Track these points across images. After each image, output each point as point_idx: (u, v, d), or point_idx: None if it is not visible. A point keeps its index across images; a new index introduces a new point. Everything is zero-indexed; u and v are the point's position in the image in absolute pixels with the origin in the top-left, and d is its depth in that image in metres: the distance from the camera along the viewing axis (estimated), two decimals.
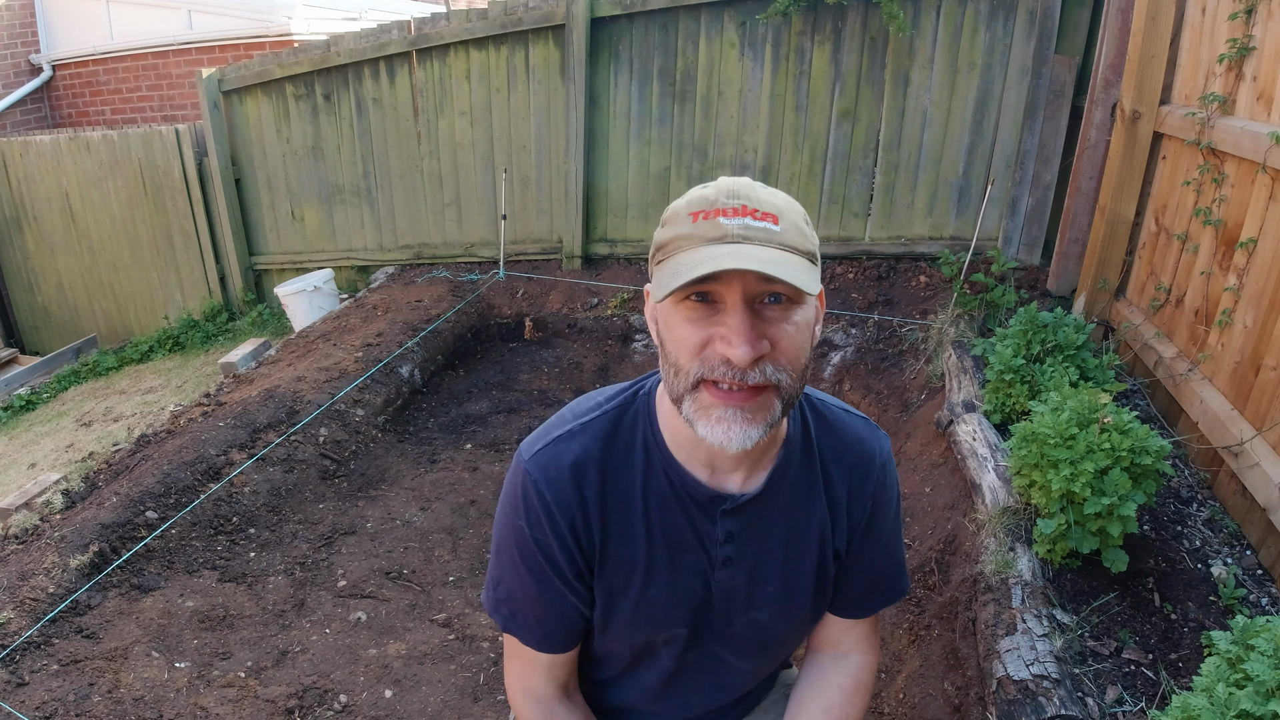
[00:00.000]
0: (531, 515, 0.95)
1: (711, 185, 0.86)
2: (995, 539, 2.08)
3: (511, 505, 0.97)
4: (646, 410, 0.98)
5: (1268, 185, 2.13)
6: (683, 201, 0.86)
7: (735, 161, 4.40)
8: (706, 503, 0.96)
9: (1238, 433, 2.12)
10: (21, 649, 2.20)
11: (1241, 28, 2.32)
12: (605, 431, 0.97)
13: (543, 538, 0.95)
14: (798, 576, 1.03)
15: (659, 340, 0.90)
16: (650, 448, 0.97)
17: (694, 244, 0.82)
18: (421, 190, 5.22)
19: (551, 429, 0.99)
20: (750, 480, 0.97)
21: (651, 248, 0.88)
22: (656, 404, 0.98)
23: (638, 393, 1.00)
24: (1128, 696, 1.66)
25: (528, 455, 0.96)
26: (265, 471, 3.08)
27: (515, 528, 0.97)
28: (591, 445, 0.96)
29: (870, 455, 1.03)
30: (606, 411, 0.98)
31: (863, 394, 3.54)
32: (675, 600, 1.00)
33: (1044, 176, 3.77)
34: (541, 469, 0.95)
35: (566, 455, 0.95)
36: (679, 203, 0.87)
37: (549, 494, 0.94)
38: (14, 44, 7.14)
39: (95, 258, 6.47)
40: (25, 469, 4.35)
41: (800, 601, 1.05)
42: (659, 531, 0.98)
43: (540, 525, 0.95)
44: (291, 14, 6.28)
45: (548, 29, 4.53)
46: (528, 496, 0.95)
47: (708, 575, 1.00)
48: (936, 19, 3.85)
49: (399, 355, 3.95)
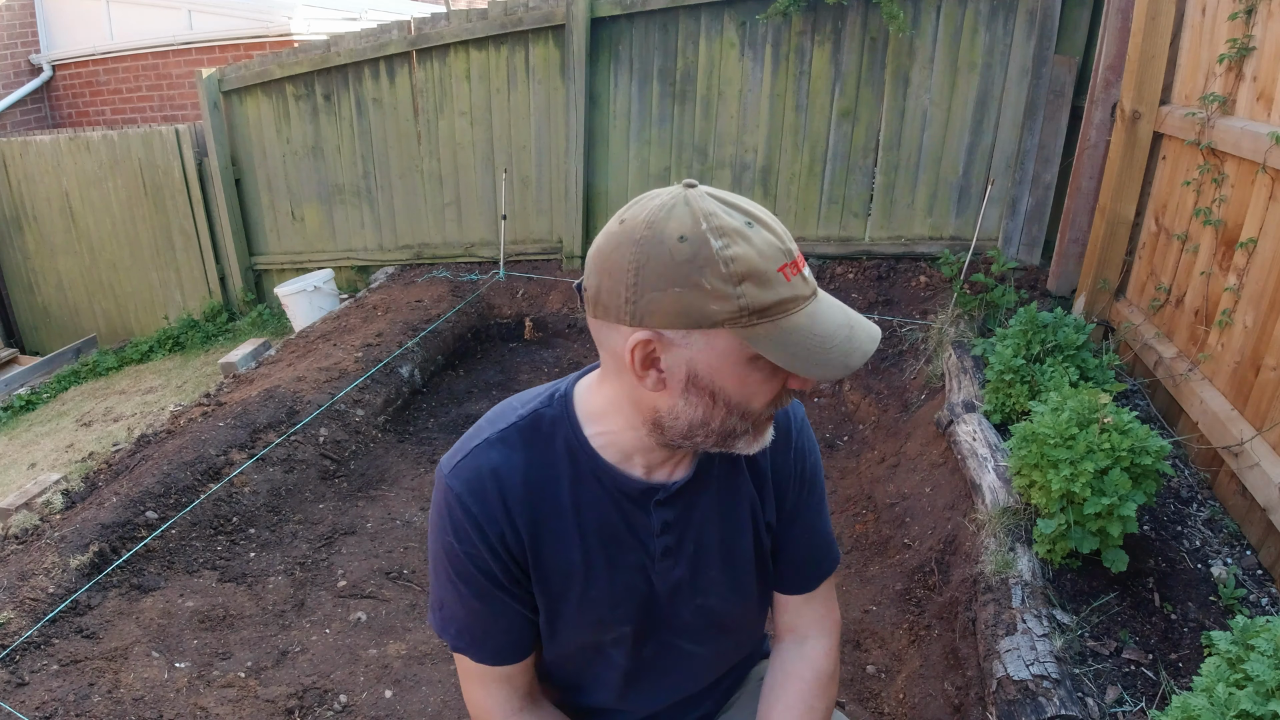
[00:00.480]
0: (460, 530, 0.93)
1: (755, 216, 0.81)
2: (995, 539, 2.09)
3: (439, 523, 0.95)
4: (565, 414, 0.97)
5: (1268, 185, 2.13)
6: (752, 250, 0.78)
7: (735, 161, 4.40)
8: (639, 496, 0.97)
9: (1238, 433, 2.12)
10: (21, 649, 2.21)
11: (1241, 28, 2.32)
12: (524, 437, 0.96)
13: (474, 551, 0.94)
14: (737, 556, 1.04)
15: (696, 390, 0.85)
16: (575, 450, 0.96)
17: (800, 304, 0.81)
18: (421, 190, 5.23)
19: (469, 440, 0.97)
20: (678, 469, 0.99)
21: (732, 304, 0.78)
22: (576, 408, 0.97)
23: (553, 396, 0.99)
24: (1128, 696, 1.66)
25: (448, 470, 0.94)
26: (265, 471, 3.08)
27: (446, 545, 0.95)
28: (511, 453, 0.94)
29: (785, 426, 1.06)
30: (523, 417, 0.97)
31: (863, 394, 3.54)
32: (617, 599, 1.00)
33: (1044, 176, 3.77)
34: (463, 482, 0.93)
35: (486, 464, 0.93)
36: (748, 251, 0.78)
37: (474, 506, 0.92)
38: (14, 44, 7.14)
39: (95, 258, 6.47)
40: (25, 469, 4.36)
41: (744, 580, 1.06)
42: (593, 532, 0.97)
43: (470, 539, 0.93)
44: (291, 14, 6.28)
45: (548, 29, 4.53)
46: (453, 511, 0.93)
47: (648, 570, 1.00)
48: (936, 19, 3.85)
49: (399, 355, 3.95)
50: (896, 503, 2.72)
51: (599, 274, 0.83)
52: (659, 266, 0.79)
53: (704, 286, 0.78)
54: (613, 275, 0.81)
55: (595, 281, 0.84)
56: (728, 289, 0.78)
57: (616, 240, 0.81)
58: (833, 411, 3.60)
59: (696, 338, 0.81)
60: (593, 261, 0.85)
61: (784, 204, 4.37)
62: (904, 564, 2.42)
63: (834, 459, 3.31)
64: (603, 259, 0.82)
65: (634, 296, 0.80)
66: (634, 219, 0.81)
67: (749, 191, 4.42)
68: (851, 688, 2.09)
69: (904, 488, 2.76)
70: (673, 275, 0.78)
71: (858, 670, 2.15)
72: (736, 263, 0.78)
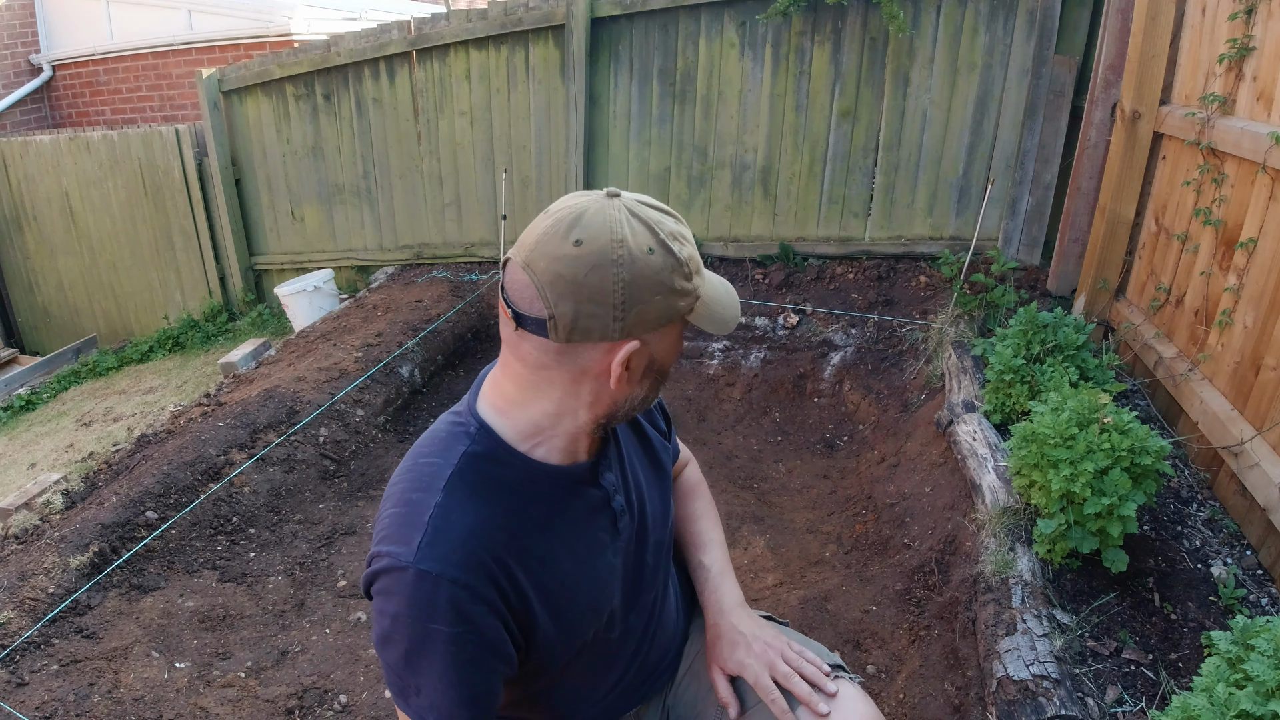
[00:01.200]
0: (446, 611, 0.86)
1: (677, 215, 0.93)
2: (995, 539, 2.09)
3: (422, 615, 0.86)
4: (497, 444, 0.94)
5: (1268, 185, 2.13)
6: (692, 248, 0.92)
7: (735, 161, 4.40)
8: (588, 475, 1.00)
9: (1238, 433, 2.12)
10: (21, 649, 2.20)
11: (1241, 28, 2.32)
12: (468, 484, 0.91)
13: (470, 630, 0.88)
14: (658, 482, 1.15)
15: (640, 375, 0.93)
16: (524, 473, 0.94)
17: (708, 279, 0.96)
18: (421, 190, 5.23)
19: (414, 517, 0.89)
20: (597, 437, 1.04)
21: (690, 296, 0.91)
22: (502, 434, 0.95)
23: (469, 434, 0.94)
24: (1128, 696, 1.66)
25: (413, 557, 0.86)
26: (265, 471, 3.08)
27: (434, 634, 0.86)
28: (474, 505, 0.90)
29: None
30: (457, 468, 0.92)
31: (863, 394, 3.54)
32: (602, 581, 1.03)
33: (1044, 176, 3.77)
34: (443, 561, 0.86)
35: (459, 530, 0.88)
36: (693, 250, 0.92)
37: (469, 579, 0.87)
38: (14, 44, 7.14)
39: (95, 258, 6.47)
40: (25, 469, 4.36)
41: (668, 500, 1.19)
42: (571, 536, 0.99)
43: (468, 618, 0.87)
44: (291, 14, 6.28)
45: (548, 29, 4.53)
46: (441, 597, 0.85)
47: (617, 538, 1.04)
48: (936, 19, 3.85)
49: (399, 355, 3.95)
50: (896, 503, 2.72)
51: (576, 301, 0.84)
52: (643, 281, 0.85)
53: (675, 288, 0.88)
54: (595, 299, 0.84)
55: (572, 308, 0.84)
56: (689, 285, 0.90)
57: (589, 264, 0.83)
58: (833, 411, 3.60)
59: (662, 331, 0.91)
60: (559, 289, 0.83)
61: (784, 204, 4.37)
62: (904, 564, 2.42)
63: (834, 459, 3.31)
64: (577, 285, 0.83)
65: (622, 314, 0.85)
66: (595, 240, 0.83)
67: (749, 191, 4.42)
68: None
69: (904, 488, 2.75)
70: (654, 285, 0.86)
71: (858, 670, 2.14)
72: (691, 261, 0.90)
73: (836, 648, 2.21)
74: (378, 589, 0.90)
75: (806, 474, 3.23)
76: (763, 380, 3.83)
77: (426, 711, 0.91)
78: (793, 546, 2.74)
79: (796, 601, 2.38)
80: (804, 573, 2.60)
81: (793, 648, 1.16)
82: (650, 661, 1.20)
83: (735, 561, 2.68)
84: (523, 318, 0.87)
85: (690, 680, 1.25)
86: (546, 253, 0.84)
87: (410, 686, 0.90)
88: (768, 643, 1.15)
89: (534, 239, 0.86)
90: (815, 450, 3.41)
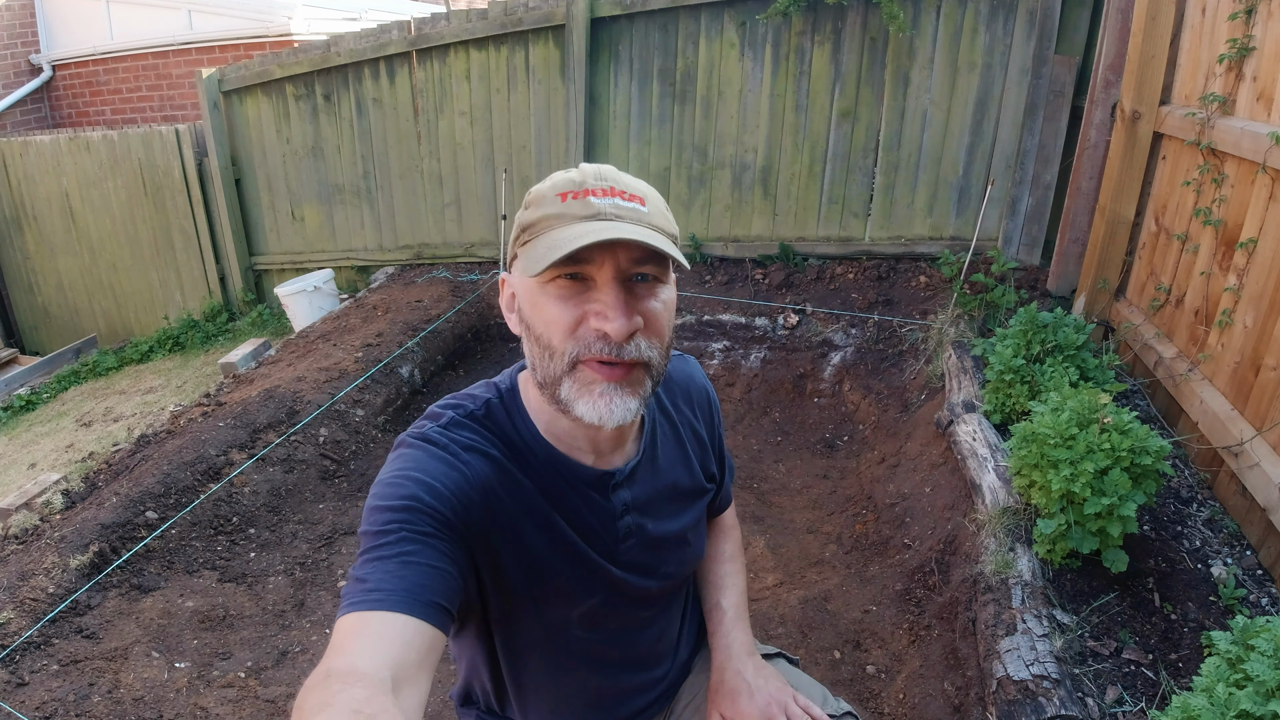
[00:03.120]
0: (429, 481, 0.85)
1: (575, 169, 0.89)
2: (995, 539, 2.09)
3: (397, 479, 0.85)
4: (516, 408, 0.97)
5: (1268, 185, 2.13)
6: (546, 184, 0.88)
7: (735, 161, 4.40)
8: (597, 483, 0.98)
9: (1238, 433, 2.12)
10: (21, 649, 2.20)
11: (1241, 28, 2.32)
12: (484, 426, 0.95)
13: (435, 505, 0.85)
14: (686, 518, 1.10)
15: (524, 326, 0.91)
16: (531, 443, 0.96)
17: (566, 222, 0.84)
18: (421, 190, 5.22)
19: (436, 418, 0.95)
20: (627, 451, 1.02)
21: (514, 230, 0.91)
22: (524, 401, 0.97)
23: (499, 389, 0.99)
24: (1128, 696, 1.66)
25: (421, 433, 0.91)
26: (265, 471, 3.08)
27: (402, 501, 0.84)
28: (477, 437, 0.93)
29: (702, 385, 1.17)
30: (479, 407, 0.96)
31: (863, 394, 3.54)
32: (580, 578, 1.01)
33: (1044, 177, 3.77)
34: (442, 446, 0.89)
35: (461, 439, 0.92)
36: (542, 186, 0.89)
37: (452, 463, 0.88)
38: (14, 44, 7.14)
39: (95, 258, 6.47)
40: (25, 469, 4.36)
41: (695, 540, 1.14)
42: (559, 521, 0.97)
43: (437, 491, 0.85)
44: (291, 14, 6.28)
45: (548, 29, 4.53)
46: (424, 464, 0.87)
47: (613, 554, 1.02)
48: (936, 19, 3.85)
49: (399, 355, 3.95)
50: (896, 503, 2.72)
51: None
52: (526, 205, 0.91)
53: (518, 221, 0.90)
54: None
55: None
56: (521, 215, 0.90)
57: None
58: (833, 411, 3.60)
59: (514, 270, 0.91)
60: None
61: (784, 204, 4.37)
62: (904, 564, 2.42)
63: (834, 459, 3.31)
64: None
65: (511, 238, 0.93)
66: None
67: (749, 192, 4.42)
68: (851, 688, 2.09)
69: (904, 488, 2.76)
70: (524, 207, 0.91)
71: (858, 670, 2.14)
72: (530, 194, 0.90)
73: (836, 647, 2.22)
74: (397, 450, 0.92)
75: (806, 474, 3.23)
76: (763, 380, 3.83)
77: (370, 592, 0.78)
78: (793, 546, 2.74)
79: (796, 601, 2.38)
80: (804, 573, 2.60)
81: (797, 700, 1.11)
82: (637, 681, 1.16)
83: None
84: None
85: (691, 714, 1.22)
86: None
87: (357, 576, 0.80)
88: (771, 695, 1.11)
89: None
90: (815, 450, 3.41)
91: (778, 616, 2.33)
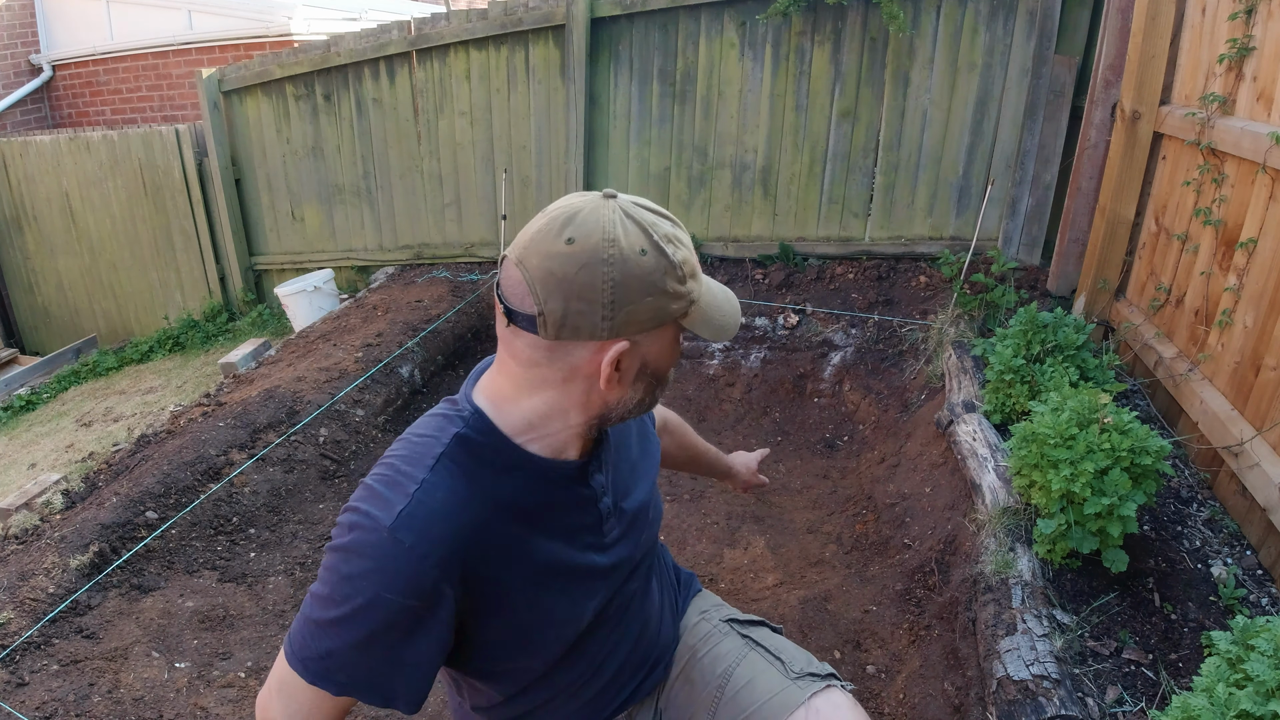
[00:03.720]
0: (409, 583, 0.86)
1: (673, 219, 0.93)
2: (995, 539, 2.09)
3: (380, 582, 0.85)
4: (491, 430, 0.94)
5: (1268, 185, 2.13)
6: (689, 252, 0.92)
7: (735, 161, 4.40)
8: (579, 473, 1.00)
9: (1238, 433, 2.12)
10: (21, 649, 2.20)
11: (1241, 28, 2.32)
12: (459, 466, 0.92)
13: (421, 606, 0.87)
14: (647, 481, 1.16)
15: (642, 378, 0.95)
16: (515, 462, 0.95)
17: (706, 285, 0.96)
18: (421, 190, 5.23)
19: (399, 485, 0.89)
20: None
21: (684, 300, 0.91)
22: (497, 423, 0.95)
23: (464, 419, 0.95)
24: (1128, 696, 1.66)
25: (390, 520, 0.86)
26: (265, 471, 3.08)
27: (384, 602, 0.86)
28: (455, 484, 0.90)
29: None
30: (449, 446, 0.92)
31: (863, 394, 3.54)
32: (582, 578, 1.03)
33: (1044, 177, 3.77)
34: (414, 531, 0.86)
35: (434, 506, 0.88)
36: (689, 254, 0.92)
37: (430, 552, 0.86)
38: (14, 44, 7.14)
39: (95, 258, 6.47)
40: (25, 469, 4.36)
41: (658, 497, 1.21)
42: (555, 532, 0.99)
43: (424, 594, 0.87)
44: (291, 14, 6.29)
45: (548, 29, 4.53)
46: (403, 564, 0.85)
47: (598, 538, 1.05)
48: (936, 19, 3.85)
49: (399, 355, 3.95)
50: (896, 503, 2.72)
51: (565, 298, 0.85)
52: (634, 281, 0.85)
53: (668, 291, 0.88)
54: (584, 297, 0.84)
55: (561, 305, 0.85)
56: (683, 289, 0.90)
57: (580, 262, 0.84)
58: (833, 411, 3.60)
59: (655, 334, 0.91)
60: (549, 285, 0.85)
61: (784, 204, 4.37)
62: (904, 564, 2.42)
63: (834, 459, 3.31)
64: (568, 283, 0.84)
65: (611, 313, 0.85)
66: (587, 239, 0.84)
67: (749, 192, 4.42)
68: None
69: (904, 488, 2.75)
70: (645, 286, 0.86)
71: (858, 670, 2.15)
72: (686, 265, 0.90)
73: (836, 647, 2.22)
74: (342, 544, 0.88)
75: (806, 474, 3.23)
76: (763, 380, 3.83)
77: (335, 671, 0.89)
78: (793, 546, 2.74)
79: (796, 601, 2.38)
80: (804, 573, 2.60)
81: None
82: (636, 658, 1.19)
83: (735, 561, 2.68)
84: (514, 313, 0.88)
85: (683, 684, 1.25)
86: (539, 250, 0.85)
87: (322, 650, 0.89)
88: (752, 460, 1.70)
89: (529, 237, 0.87)
90: (815, 450, 3.41)
91: (778, 616, 2.33)
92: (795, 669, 1.20)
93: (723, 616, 1.32)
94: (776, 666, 1.21)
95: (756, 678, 1.19)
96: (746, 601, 2.48)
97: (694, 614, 1.33)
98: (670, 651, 1.28)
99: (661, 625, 1.25)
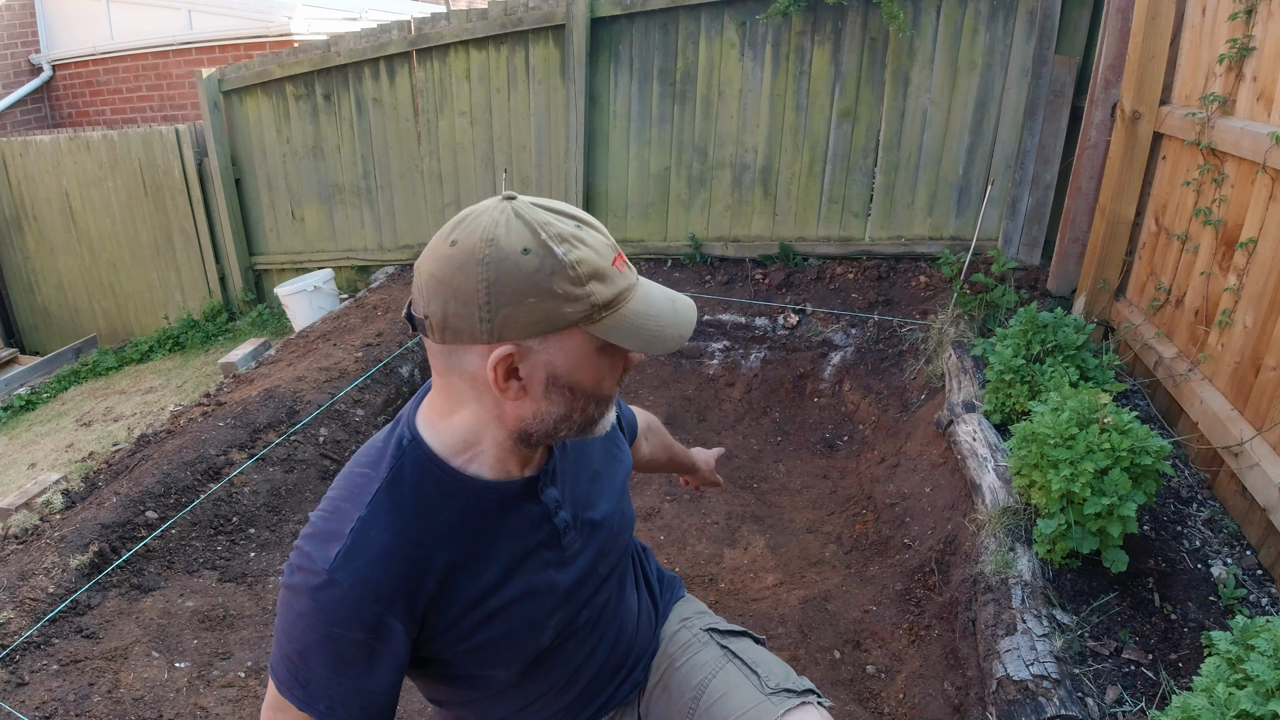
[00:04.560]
0: (351, 619, 0.87)
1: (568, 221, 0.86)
2: (995, 539, 2.09)
3: (327, 620, 0.87)
4: (425, 456, 0.93)
5: (1268, 185, 2.13)
6: (589, 251, 0.84)
7: (735, 161, 4.40)
8: (526, 489, 0.98)
9: (1238, 433, 2.12)
10: (21, 649, 2.20)
11: (1241, 28, 2.32)
12: (395, 501, 0.91)
13: (372, 636, 0.89)
14: (613, 491, 1.13)
15: (554, 390, 0.88)
16: (451, 486, 0.93)
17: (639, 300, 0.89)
18: (421, 190, 5.23)
19: (336, 526, 0.90)
20: (542, 451, 1.01)
21: (583, 303, 0.84)
22: (433, 447, 0.94)
23: (400, 444, 0.94)
24: (1128, 696, 1.66)
25: (329, 565, 0.87)
26: (265, 471, 3.08)
27: (336, 636, 0.88)
28: (392, 522, 0.90)
29: None
30: (385, 481, 0.91)
31: (863, 394, 3.54)
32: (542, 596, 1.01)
33: (1044, 177, 3.77)
34: (352, 573, 0.87)
35: (372, 548, 0.88)
36: (587, 253, 0.84)
37: (367, 593, 0.87)
38: (14, 44, 7.14)
39: (95, 258, 6.47)
40: (25, 469, 4.36)
41: (628, 507, 1.17)
42: (504, 552, 0.97)
43: (372, 627, 0.88)
44: (291, 14, 6.28)
45: (548, 29, 4.53)
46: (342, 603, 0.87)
47: (556, 553, 1.02)
48: (936, 19, 3.85)
49: (399, 355, 3.95)
50: (896, 503, 2.72)
51: (444, 300, 0.84)
52: (511, 281, 0.81)
53: (556, 292, 0.82)
54: (460, 298, 0.83)
55: (440, 307, 0.84)
56: (577, 290, 0.83)
57: (457, 263, 0.83)
58: (833, 411, 3.60)
59: (552, 341, 0.85)
60: (431, 288, 0.84)
61: (784, 204, 4.37)
62: (904, 564, 2.42)
63: (834, 459, 3.31)
64: (444, 284, 0.83)
65: (489, 315, 0.83)
66: (468, 239, 0.83)
67: (749, 192, 4.42)
68: (851, 688, 2.09)
69: (904, 488, 2.76)
70: (525, 287, 0.82)
71: (858, 670, 2.15)
72: (582, 265, 0.83)
73: (836, 647, 2.22)
74: (290, 584, 0.90)
75: (806, 474, 3.23)
76: (763, 380, 3.83)
77: (316, 699, 0.91)
78: (793, 546, 2.74)
79: (796, 601, 2.38)
80: (804, 573, 2.60)
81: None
82: (613, 662, 1.18)
83: (735, 561, 2.68)
84: (411, 318, 0.89)
85: (661, 692, 1.24)
86: (429, 254, 0.86)
87: (299, 678, 0.91)
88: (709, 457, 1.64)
89: (429, 242, 0.88)
90: (815, 450, 3.41)
91: (778, 616, 2.33)
92: (771, 684, 1.18)
93: (704, 625, 1.30)
94: (752, 680, 1.19)
95: (731, 691, 1.18)
96: (746, 601, 2.48)
97: (675, 621, 1.32)
98: (649, 655, 1.27)
99: (639, 630, 1.23)
